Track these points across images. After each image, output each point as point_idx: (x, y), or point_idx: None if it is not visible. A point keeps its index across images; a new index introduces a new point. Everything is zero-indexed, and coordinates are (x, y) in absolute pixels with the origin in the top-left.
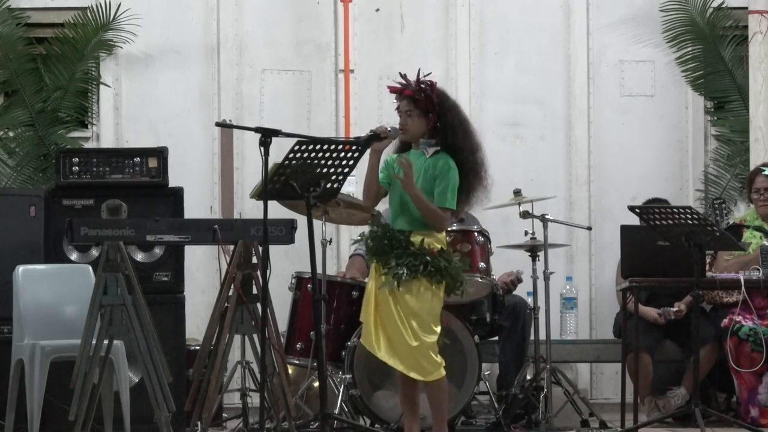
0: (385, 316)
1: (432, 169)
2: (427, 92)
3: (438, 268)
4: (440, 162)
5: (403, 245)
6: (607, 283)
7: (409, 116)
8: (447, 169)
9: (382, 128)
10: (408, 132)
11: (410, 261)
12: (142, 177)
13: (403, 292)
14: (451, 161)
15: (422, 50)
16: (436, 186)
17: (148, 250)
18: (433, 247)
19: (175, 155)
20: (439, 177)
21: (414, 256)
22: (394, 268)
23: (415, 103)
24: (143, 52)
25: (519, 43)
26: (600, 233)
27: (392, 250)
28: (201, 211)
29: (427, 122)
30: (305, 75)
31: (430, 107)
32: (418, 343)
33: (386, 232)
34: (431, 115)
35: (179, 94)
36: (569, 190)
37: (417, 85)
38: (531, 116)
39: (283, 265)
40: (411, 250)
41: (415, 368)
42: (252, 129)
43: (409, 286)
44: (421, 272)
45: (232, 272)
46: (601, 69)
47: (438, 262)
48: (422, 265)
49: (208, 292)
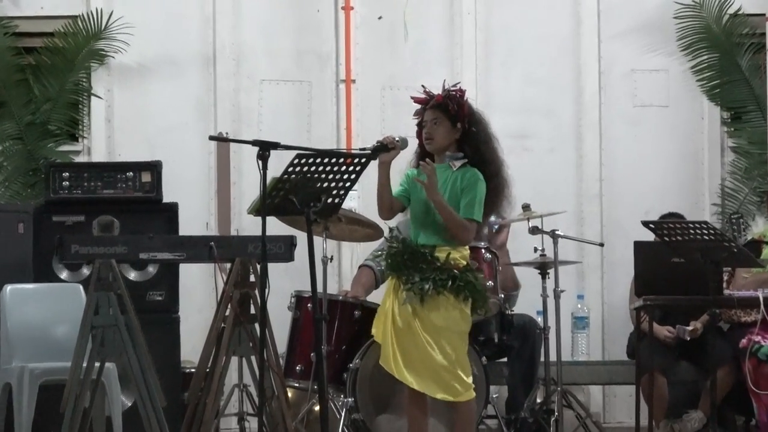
0: (406, 334)
1: (459, 182)
2: (457, 99)
3: (466, 282)
4: (468, 174)
5: (428, 260)
6: (620, 301)
7: (436, 124)
8: (475, 180)
9: (389, 138)
10: (434, 142)
11: (436, 275)
12: (135, 192)
13: (428, 309)
14: (479, 174)
15: (426, 60)
16: (463, 197)
17: (141, 268)
18: (458, 262)
19: (170, 169)
20: (466, 189)
21: (440, 270)
22: (419, 284)
23: (444, 111)
24: (136, 62)
25: (526, 52)
26: (612, 249)
27: (413, 265)
28: (197, 228)
29: (455, 132)
30: (305, 85)
31: (460, 116)
32: (448, 362)
33: (406, 247)
34: (459, 126)
35: (174, 105)
36: (580, 205)
37: (446, 92)
38: (539, 128)
39: (282, 284)
40: (436, 265)
41: (443, 389)
42: (249, 142)
43: (435, 303)
44: (448, 287)
45: (229, 291)
46: (612, 78)
47: (465, 277)
48: (449, 279)
49: (204, 312)
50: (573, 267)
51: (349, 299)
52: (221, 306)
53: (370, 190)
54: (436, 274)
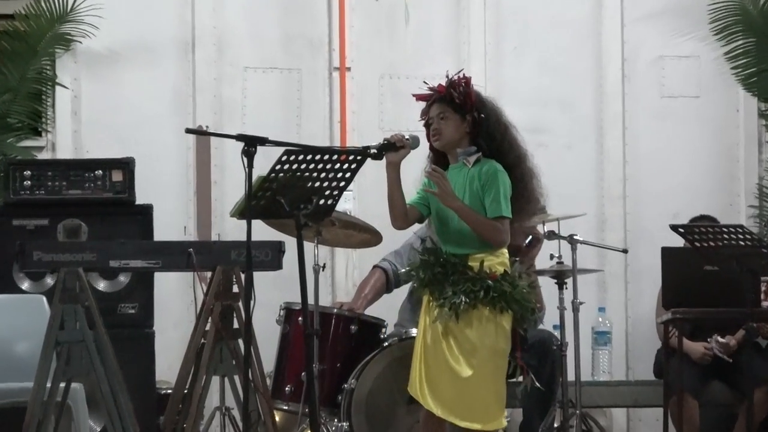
0: (433, 356)
1: (477, 179)
2: (462, 88)
3: (501, 293)
4: (485, 168)
5: (459, 270)
6: (646, 314)
7: (443, 119)
8: (494, 172)
9: (398, 136)
10: (442, 137)
11: (468, 287)
12: (104, 193)
13: (462, 325)
14: (498, 165)
15: (429, 46)
16: (486, 195)
17: (111, 277)
18: (495, 270)
19: (144, 167)
20: (487, 185)
21: (472, 281)
22: (451, 297)
23: (450, 103)
24: (107, 48)
25: (541, 36)
26: (637, 256)
27: (445, 278)
28: (173, 232)
29: (465, 125)
30: (295, 74)
31: (468, 107)
32: (478, 384)
33: (439, 257)
34: (468, 117)
35: (148, 96)
36: (601, 207)
37: (450, 82)
38: (556, 121)
39: (269, 295)
40: (469, 275)
41: (471, 415)
42: (232, 137)
43: (469, 318)
44: (481, 299)
45: (209, 303)
46: (638, 66)
47: (501, 286)
48: (482, 290)
49: (181, 327)
50: (593, 276)
51: (344, 312)
52: (201, 320)
53: (366, 191)
54: (468, 285)
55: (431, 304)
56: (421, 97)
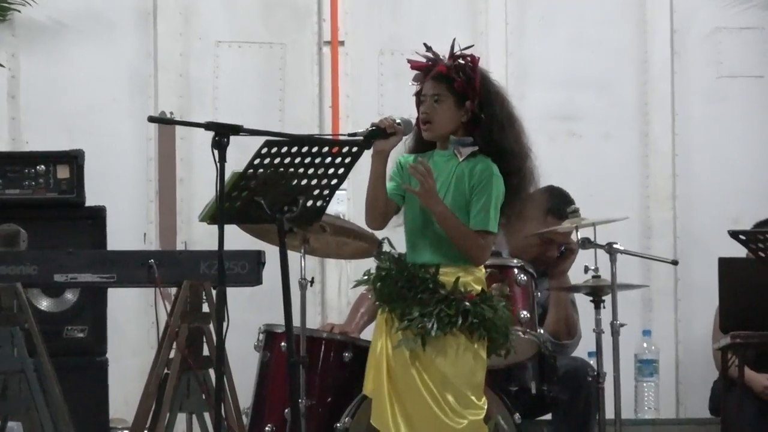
0: (404, 386)
1: (467, 178)
2: (467, 70)
3: (482, 319)
4: (478, 167)
5: (429, 287)
6: (700, 338)
7: (438, 102)
8: (488, 176)
9: (388, 121)
10: (434, 126)
11: (442, 310)
12: (48, 192)
13: (431, 353)
14: (494, 167)
15: (439, 16)
16: (474, 200)
17: (57, 295)
18: (471, 289)
19: (96, 162)
20: (477, 188)
21: (446, 302)
22: (418, 320)
23: (449, 84)
24: (51, 19)
25: (574, 4)
26: (689, 269)
27: (411, 294)
28: (131, 240)
29: (462, 113)
30: (276, 50)
31: (470, 92)
32: (463, 424)
33: (402, 269)
34: (468, 104)
35: (101, 76)
36: (646, 209)
37: (452, 59)
38: (591, 107)
39: (246, 316)
40: (441, 294)
41: None
42: (201, 125)
43: (441, 346)
44: (458, 326)
45: (174, 325)
46: (689, 40)
47: (481, 310)
48: (459, 315)
49: (140, 354)
50: (636, 293)
51: (335, 336)
52: (164, 346)
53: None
54: (442, 308)
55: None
56: (417, 66)
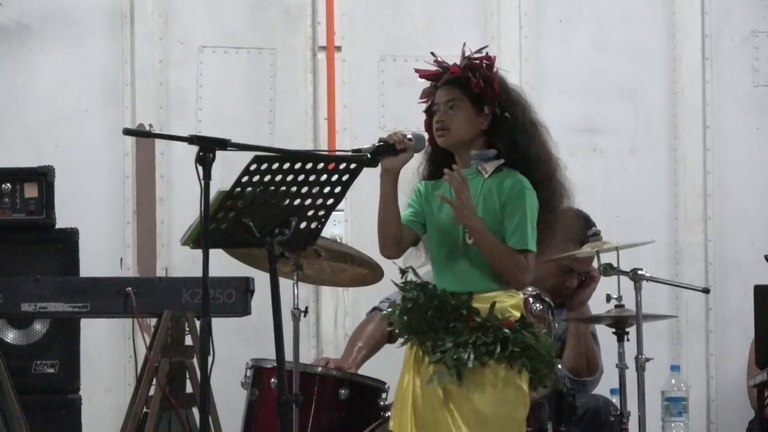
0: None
1: (496, 195)
2: (483, 70)
3: (523, 347)
4: (507, 182)
5: (462, 315)
6: (734, 374)
7: (453, 108)
8: (520, 190)
9: (397, 136)
10: (450, 134)
11: (478, 338)
12: (14, 213)
13: (467, 389)
14: (525, 180)
15: (446, 18)
16: (507, 218)
17: (24, 326)
18: (509, 315)
19: (66, 180)
20: (509, 205)
21: (483, 330)
22: (452, 351)
23: (465, 89)
24: (15, 21)
25: (597, 5)
26: (723, 298)
27: (444, 323)
28: (106, 266)
29: (481, 120)
30: (266, 55)
31: (488, 93)
32: None
33: (431, 297)
34: (488, 108)
35: (71, 85)
36: (674, 232)
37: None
38: (615, 118)
39: (233, 349)
40: (476, 321)
41: None
42: (184, 139)
43: (479, 381)
44: (496, 356)
45: (153, 360)
46: (723, 45)
47: (522, 338)
48: (497, 343)
49: (116, 392)
50: (664, 324)
51: (331, 372)
52: (143, 382)
53: (362, 210)
54: (478, 336)
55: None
56: (426, 75)
